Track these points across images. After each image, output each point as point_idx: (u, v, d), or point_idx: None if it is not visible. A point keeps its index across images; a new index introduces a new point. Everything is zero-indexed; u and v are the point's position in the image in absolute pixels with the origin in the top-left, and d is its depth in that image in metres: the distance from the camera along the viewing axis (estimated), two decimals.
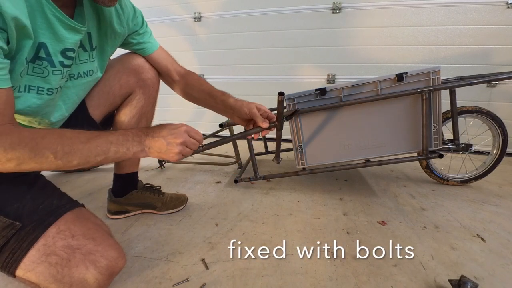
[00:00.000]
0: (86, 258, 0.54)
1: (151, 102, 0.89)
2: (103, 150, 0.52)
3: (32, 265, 0.51)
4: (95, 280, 0.53)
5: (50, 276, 0.52)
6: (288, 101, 1.04)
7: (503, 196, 1.14)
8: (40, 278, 0.52)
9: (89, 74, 0.69)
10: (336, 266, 0.70)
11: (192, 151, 0.61)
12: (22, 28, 0.46)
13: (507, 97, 1.79)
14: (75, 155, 0.49)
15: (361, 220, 0.93)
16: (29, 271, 0.51)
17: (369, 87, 0.99)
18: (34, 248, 0.52)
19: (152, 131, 0.57)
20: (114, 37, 0.71)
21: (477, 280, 0.65)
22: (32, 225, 0.53)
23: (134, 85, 0.83)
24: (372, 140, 1.04)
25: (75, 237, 0.55)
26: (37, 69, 0.55)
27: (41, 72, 0.55)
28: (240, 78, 2.21)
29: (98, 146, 0.51)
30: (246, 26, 2.08)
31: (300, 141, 1.07)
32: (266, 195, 1.15)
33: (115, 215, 0.96)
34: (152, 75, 0.86)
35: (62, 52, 0.57)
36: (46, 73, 0.56)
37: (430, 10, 1.77)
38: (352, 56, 1.96)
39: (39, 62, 0.54)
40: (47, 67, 0.56)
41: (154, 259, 0.73)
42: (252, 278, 0.66)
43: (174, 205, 0.99)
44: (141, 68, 0.83)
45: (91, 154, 0.51)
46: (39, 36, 0.52)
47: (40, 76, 0.56)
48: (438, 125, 1.00)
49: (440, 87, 0.95)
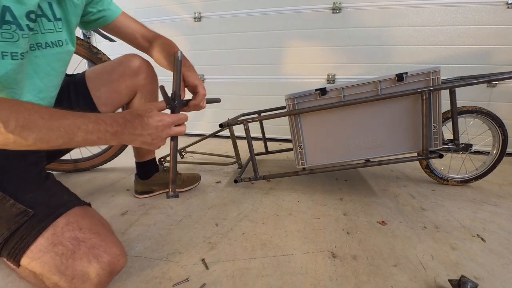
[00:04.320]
0: (90, 252, 0.54)
1: (155, 95, 1.00)
2: (67, 132, 0.46)
3: (38, 253, 0.52)
4: (96, 274, 0.54)
5: (54, 266, 0.52)
6: (288, 100, 1.04)
7: (503, 196, 1.14)
8: (45, 268, 0.52)
9: (58, 44, 0.65)
10: (336, 266, 0.70)
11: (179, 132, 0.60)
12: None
13: (507, 97, 1.79)
14: (32, 130, 0.43)
15: (361, 220, 0.93)
16: (35, 259, 0.52)
17: (369, 87, 0.99)
18: (43, 236, 0.53)
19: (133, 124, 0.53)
20: (74, 7, 0.68)
21: (477, 280, 0.65)
22: (43, 213, 0.55)
23: (138, 85, 0.93)
24: (372, 140, 1.04)
25: (82, 230, 0.56)
26: (6, 34, 0.51)
27: (11, 37, 0.52)
28: (240, 78, 2.21)
29: (62, 127, 0.46)
30: (246, 26, 2.08)
31: (300, 141, 1.07)
32: (266, 195, 1.15)
33: (142, 194, 1.13)
34: (151, 73, 0.95)
35: (26, 15, 0.54)
36: (16, 38, 0.53)
37: (430, 10, 1.77)
38: (352, 56, 1.96)
39: (7, 27, 0.51)
40: (16, 30, 0.53)
41: (154, 259, 0.73)
42: (252, 278, 0.66)
43: (191, 182, 1.20)
44: (140, 69, 0.91)
45: (52, 134, 0.45)
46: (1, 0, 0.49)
47: (10, 41, 0.53)
48: (438, 125, 1.00)
49: (440, 87, 0.95)
